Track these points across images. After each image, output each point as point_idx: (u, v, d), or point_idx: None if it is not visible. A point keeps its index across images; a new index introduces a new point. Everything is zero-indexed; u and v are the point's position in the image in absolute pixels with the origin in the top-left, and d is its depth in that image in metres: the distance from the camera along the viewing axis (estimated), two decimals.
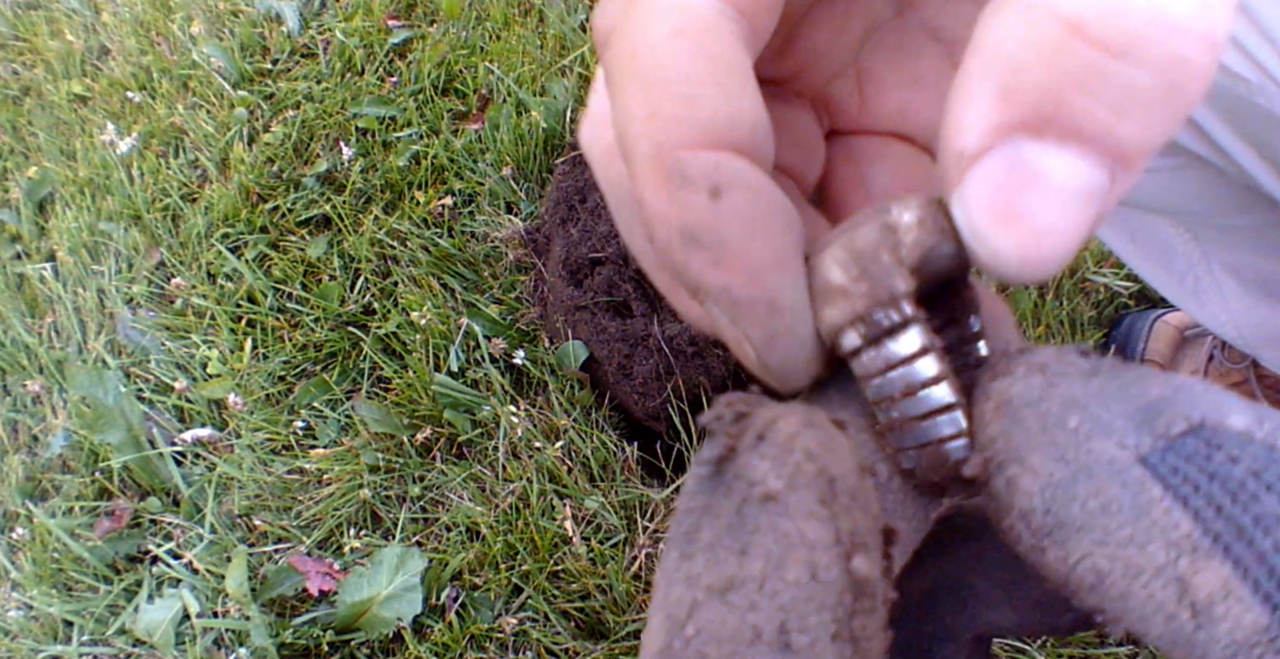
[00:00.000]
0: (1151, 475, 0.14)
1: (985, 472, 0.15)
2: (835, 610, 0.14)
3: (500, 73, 1.38)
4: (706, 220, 0.16)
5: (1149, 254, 0.72)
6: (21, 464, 1.18)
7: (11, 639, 1.04)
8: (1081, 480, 0.14)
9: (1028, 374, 0.15)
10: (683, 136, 0.16)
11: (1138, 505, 0.14)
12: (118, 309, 1.29)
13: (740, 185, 0.16)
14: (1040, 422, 0.15)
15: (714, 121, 0.16)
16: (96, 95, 1.56)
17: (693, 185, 0.16)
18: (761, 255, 0.17)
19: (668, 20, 0.17)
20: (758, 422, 0.16)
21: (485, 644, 0.95)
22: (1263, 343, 0.73)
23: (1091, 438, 0.14)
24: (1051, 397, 0.15)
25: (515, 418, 1.05)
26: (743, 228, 0.17)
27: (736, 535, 0.15)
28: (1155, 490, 0.13)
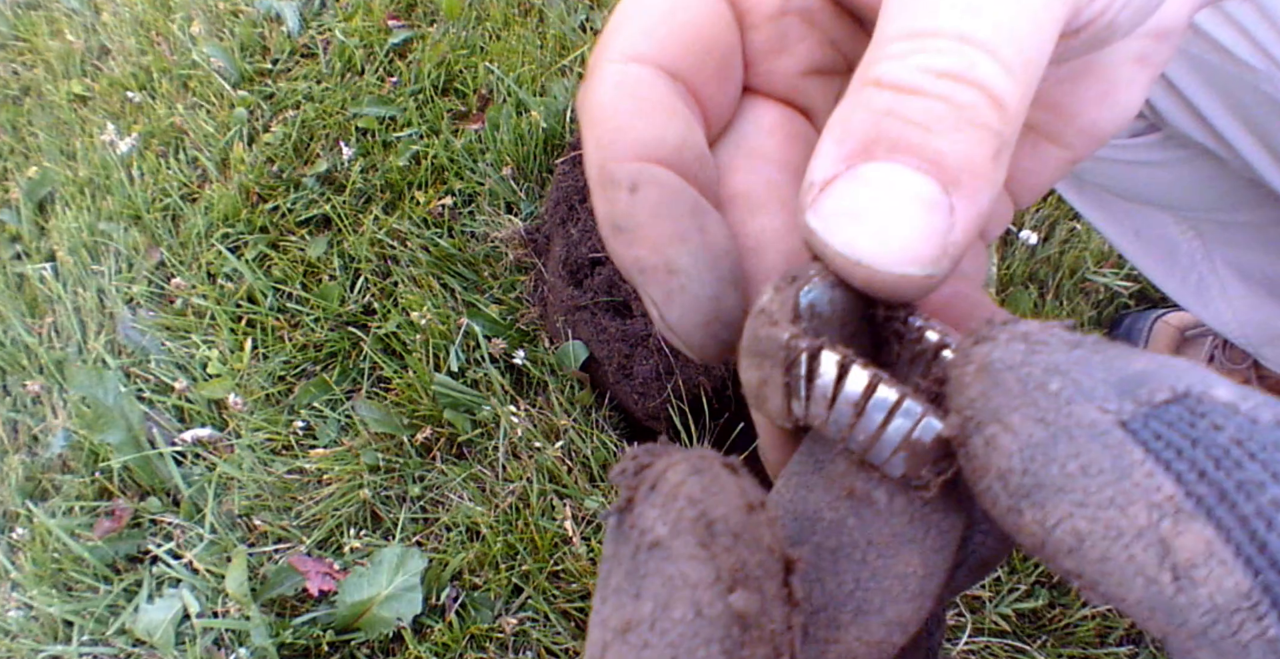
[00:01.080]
0: (1132, 439, 0.14)
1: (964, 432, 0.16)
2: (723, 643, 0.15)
3: (500, 73, 1.38)
4: (624, 209, 0.20)
5: (1152, 251, 0.72)
6: (21, 464, 1.18)
7: (11, 639, 1.04)
8: (1062, 441, 0.14)
9: (1010, 341, 0.16)
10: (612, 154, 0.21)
11: (1119, 467, 0.13)
12: (118, 309, 1.28)
13: (652, 182, 0.20)
14: (1021, 384, 0.15)
15: (638, 142, 0.20)
16: (96, 95, 1.56)
17: (616, 185, 0.20)
18: (663, 231, 0.20)
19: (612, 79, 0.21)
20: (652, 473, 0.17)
21: (485, 644, 0.95)
22: (1265, 341, 0.73)
23: (1073, 402, 0.14)
24: (1033, 362, 0.15)
25: (515, 418, 1.05)
26: (651, 211, 0.20)
27: (632, 580, 0.16)
28: (1137, 453, 0.13)
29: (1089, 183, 0.69)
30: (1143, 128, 0.58)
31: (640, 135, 0.21)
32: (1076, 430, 0.14)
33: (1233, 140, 0.50)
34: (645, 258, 0.20)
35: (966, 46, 0.17)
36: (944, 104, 0.17)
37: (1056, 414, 0.14)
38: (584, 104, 0.22)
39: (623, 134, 0.21)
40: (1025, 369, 0.15)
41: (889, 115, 0.17)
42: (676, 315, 0.21)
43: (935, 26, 0.17)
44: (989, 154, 0.17)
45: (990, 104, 0.17)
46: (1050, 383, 0.14)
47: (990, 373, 0.15)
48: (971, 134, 0.17)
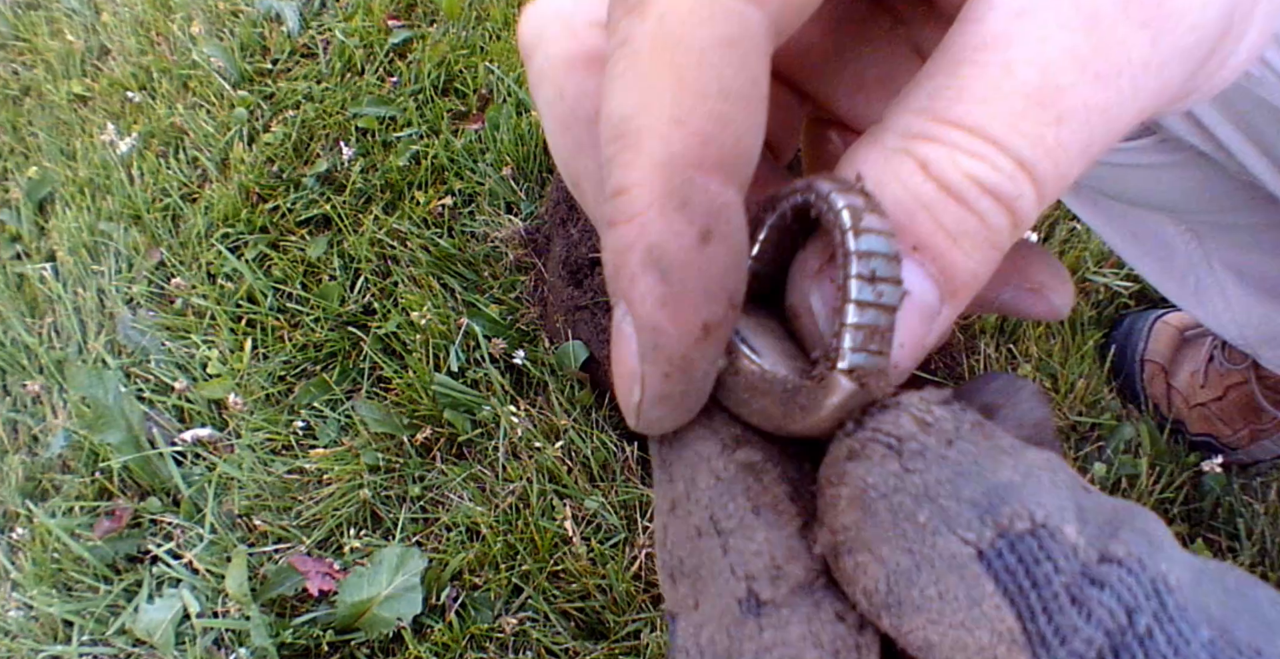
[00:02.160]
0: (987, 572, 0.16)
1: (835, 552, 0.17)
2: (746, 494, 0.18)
3: (500, 73, 1.38)
4: (682, 259, 0.16)
5: (1150, 253, 0.72)
6: (21, 464, 1.18)
7: (11, 639, 1.04)
8: (925, 570, 0.16)
9: (884, 460, 0.17)
10: (703, 158, 0.16)
11: (971, 597, 0.16)
12: (118, 309, 1.28)
13: (727, 239, 0.17)
14: (892, 515, 0.16)
15: (735, 152, 0.16)
16: (96, 95, 1.56)
17: (688, 216, 0.16)
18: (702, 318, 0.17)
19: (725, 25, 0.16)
20: None
21: (485, 644, 0.95)
22: (1263, 342, 0.73)
23: (938, 532, 0.16)
24: (905, 487, 0.16)
25: (515, 418, 1.05)
26: (707, 285, 0.17)
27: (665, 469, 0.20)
28: (989, 586, 0.15)
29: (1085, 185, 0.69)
30: (1138, 130, 0.58)
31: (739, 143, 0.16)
32: (939, 562, 0.16)
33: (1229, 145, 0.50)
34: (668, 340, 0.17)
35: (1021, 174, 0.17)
36: (978, 222, 0.17)
37: (922, 545, 0.16)
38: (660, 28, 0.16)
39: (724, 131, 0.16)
40: (897, 497, 0.16)
41: (925, 210, 0.17)
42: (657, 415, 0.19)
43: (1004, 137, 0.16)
44: (990, 270, 0.17)
45: (1012, 230, 0.17)
46: (920, 513, 0.16)
47: (863, 503, 0.16)
48: (987, 255, 0.17)
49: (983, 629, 0.15)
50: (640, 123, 0.16)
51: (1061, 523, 0.16)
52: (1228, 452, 0.98)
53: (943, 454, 0.16)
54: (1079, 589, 0.15)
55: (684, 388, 0.18)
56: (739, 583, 0.17)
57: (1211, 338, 0.99)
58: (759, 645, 0.17)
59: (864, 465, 0.17)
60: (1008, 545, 0.15)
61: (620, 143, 0.16)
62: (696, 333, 0.17)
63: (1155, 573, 0.15)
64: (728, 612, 0.17)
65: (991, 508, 0.16)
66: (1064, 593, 0.15)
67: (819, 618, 0.17)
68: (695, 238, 0.16)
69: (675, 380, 0.18)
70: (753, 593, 0.17)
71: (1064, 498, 0.16)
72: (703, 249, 0.16)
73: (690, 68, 0.16)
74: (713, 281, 0.17)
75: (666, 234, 0.16)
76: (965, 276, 0.17)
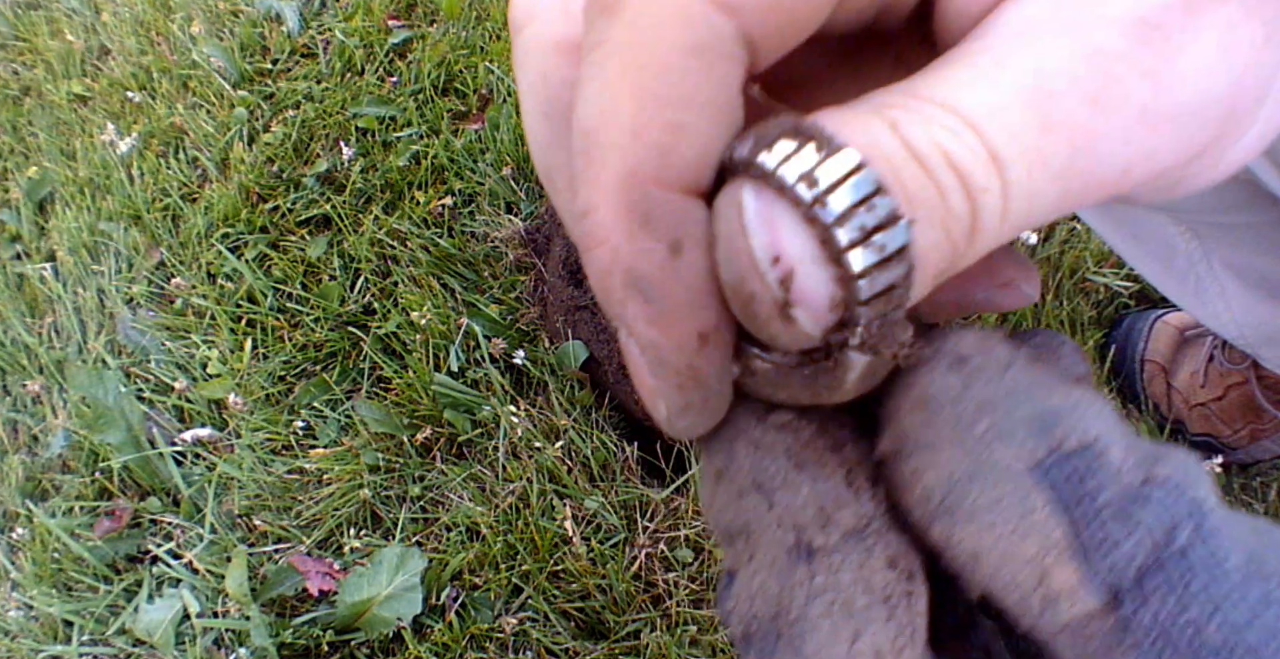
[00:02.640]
0: (1038, 485, 0.16)
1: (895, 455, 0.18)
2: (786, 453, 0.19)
3: (500, 73, 1.38)
4: (657, 276, 0.16)
5: (1150, 253, 0.72)
6: (21, 464, 1.18)
7: (11, 639, 1.04)
8: (979, 479, 0.17)
9: (948, 370, 0.17)
10: (661, 171, 0.15)
11: (1024, 507, 0.16)
12: (118, 309, 1.28)
13: (700, 245, 0.16)
14: (953, 422, 0.17)
15: (697, 161, 0.16)
16: (96, 95, 1.56)
17: (654, 232, 0.16)
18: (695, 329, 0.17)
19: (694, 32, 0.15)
20: None
21: (485, 644, 0.95)
22: (1263, 342, 0.73)
23: (994, 445, 0.17)
24: (966, 397, 0.17)
25: (515, 418, 1.05)
26: (689, 296, 0.16)
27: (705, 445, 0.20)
28: (1039, 498, 0.16)
29: None
30: None
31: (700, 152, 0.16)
32: (994, 471, 0.16)
33: None
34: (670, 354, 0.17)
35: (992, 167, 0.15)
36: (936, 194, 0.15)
37: (979, 453, 0.17)
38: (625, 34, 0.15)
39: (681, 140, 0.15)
40: (959, 406, 0.17)
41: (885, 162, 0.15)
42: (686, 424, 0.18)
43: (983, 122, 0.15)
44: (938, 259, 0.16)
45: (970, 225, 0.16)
46: (979, 423, 0.17)
47: (927, 407, 0.17)
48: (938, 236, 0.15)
49: (1032, 539, 0.16)
50: (603, 136, 0.16)
51: (1110, 444, 0.16)
52: (1228, 452, 0.98)
53: (1001, 375, 0.17)
54: (1124, 505, 0.16)
55: (701, 394, 0.18)
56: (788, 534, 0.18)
57: (1211, 338, 0.99)
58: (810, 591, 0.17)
59: (929, 374, 0.18)
60: (1060, 461, 0.16)
61: (586, 157, 0.16)
62: (694, 343, 0.17)
63: (1195, 494, 0.16)
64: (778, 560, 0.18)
65: (1045, 426, 0.17)
66: (1110, 508, 0.16)
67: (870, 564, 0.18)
68: (666, 253, 0.16)
69: (689, 390, 0.18)
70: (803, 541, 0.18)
71: (1111, 424, 0.17)
72: (676, 262, 0.16)
73: (652, 75, 0.15)
74: (695, 291, 0.16)
75: (637, 254, 0.16)
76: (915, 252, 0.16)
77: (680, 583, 0.95)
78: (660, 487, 1.02)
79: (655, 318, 0.16)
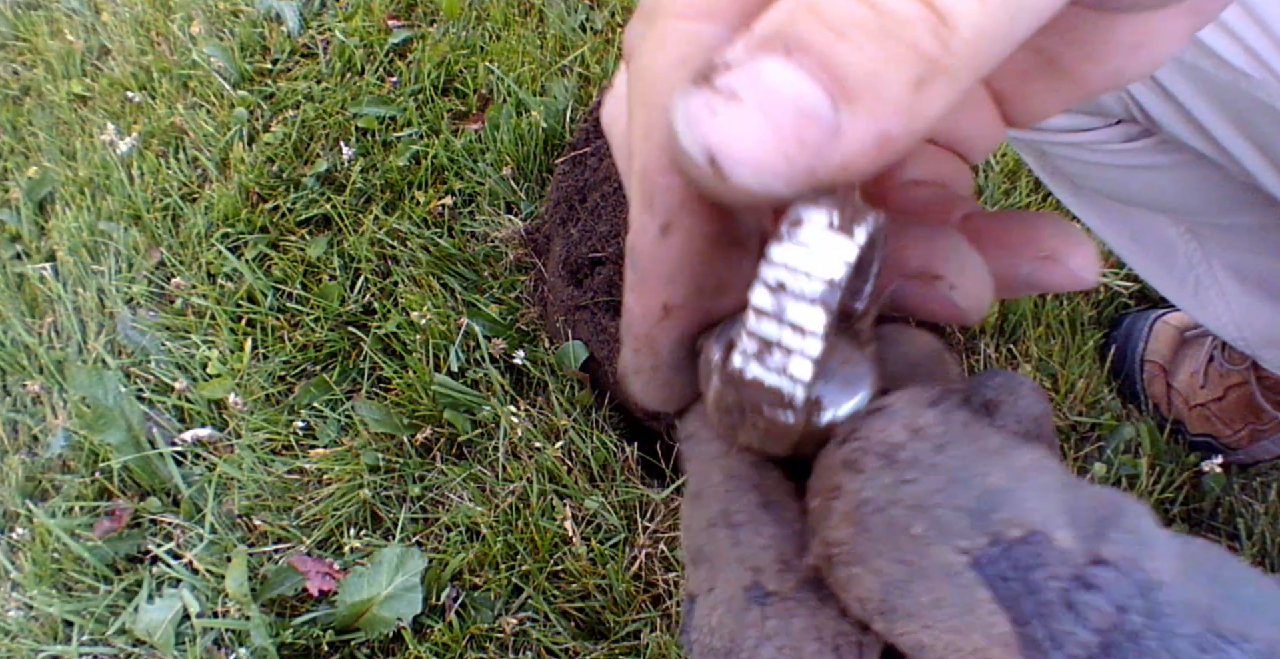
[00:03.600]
0: (981, 579, 0.16)
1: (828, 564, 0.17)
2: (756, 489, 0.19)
3: (500, 73, 1.38)
4: (645, 249, 0.19)
5: (1150, 254, 0.72)
6: (21, 464, 1.18)
7: (11, 639, 1.04)
8: (919, 580, 0.16)
9: (876, 472, 0.17)
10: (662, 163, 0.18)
11: (966, 604, 0.16)
12: (118, 309, 1.28)
13: (684, 230, 0.18)
14: (887, 528, 0.16)
15: None
16: (96, 95, 1.56)
17: (652, 213, 0.18)
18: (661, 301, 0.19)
19: (676, 47, 0.17)
20: None
21: (485, 644, 0.95)
22: (1263, 343, 0.73)
23: (932, 543, 0.16)
24: (900, 498, 0.16)
25: (515, 418, 1.05)
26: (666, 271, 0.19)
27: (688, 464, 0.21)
28: (983, 593, 0.16)
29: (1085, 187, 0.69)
30: (1137, 132, 0.58)
31: None
32: (934, 571, 0.16)
33: (1228, 146, 0.50)
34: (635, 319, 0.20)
35: None
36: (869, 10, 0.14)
37: (917, 556, 0.16)
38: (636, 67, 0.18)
39: None
40: (893, 510, 0.16)
41: (809, 10, 0.15)
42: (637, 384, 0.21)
43: None
44: (906, 79, 0.15)
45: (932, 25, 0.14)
46: (915, 525, 0.16)
47: (858, 517, 0.17)
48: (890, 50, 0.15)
49: (976, 633, 0.16)
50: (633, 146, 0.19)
51: (1054, 529, 0.16)
52: (1228, 452, 0.98)
53: (935, 461, 0.16)
54: (1072, 592, 0.15)
55: (651, 362, 0.20)
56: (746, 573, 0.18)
57: (1211, 338, 0.99)
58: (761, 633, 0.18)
59: (859, 478, 0.17)
60: (1001, 552, 0.16)
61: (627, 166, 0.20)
62: (657, 313, 0.19)
63: (1144, 571, 0.16)
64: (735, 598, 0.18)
65: (984, 515, 0.16)
66: (1057, 597, 0.15)
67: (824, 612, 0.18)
68: (657, 231, 0.18)
69: (643, 356, 0.20)
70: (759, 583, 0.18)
71: (1054, 501, 0.16)
72: (662, 241, 0.18)
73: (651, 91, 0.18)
74: (671, 267, 0.19)
75: (638, 231, 0.19)
76: (860, 74, 0.15)
77: (680, 583, 0.96)
78: (660, 487, 1.02)
79: (634, 284, 0.19)
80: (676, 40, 0.17)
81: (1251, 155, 0.49)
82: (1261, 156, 0.49)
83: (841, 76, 0.15)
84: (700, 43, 0.17)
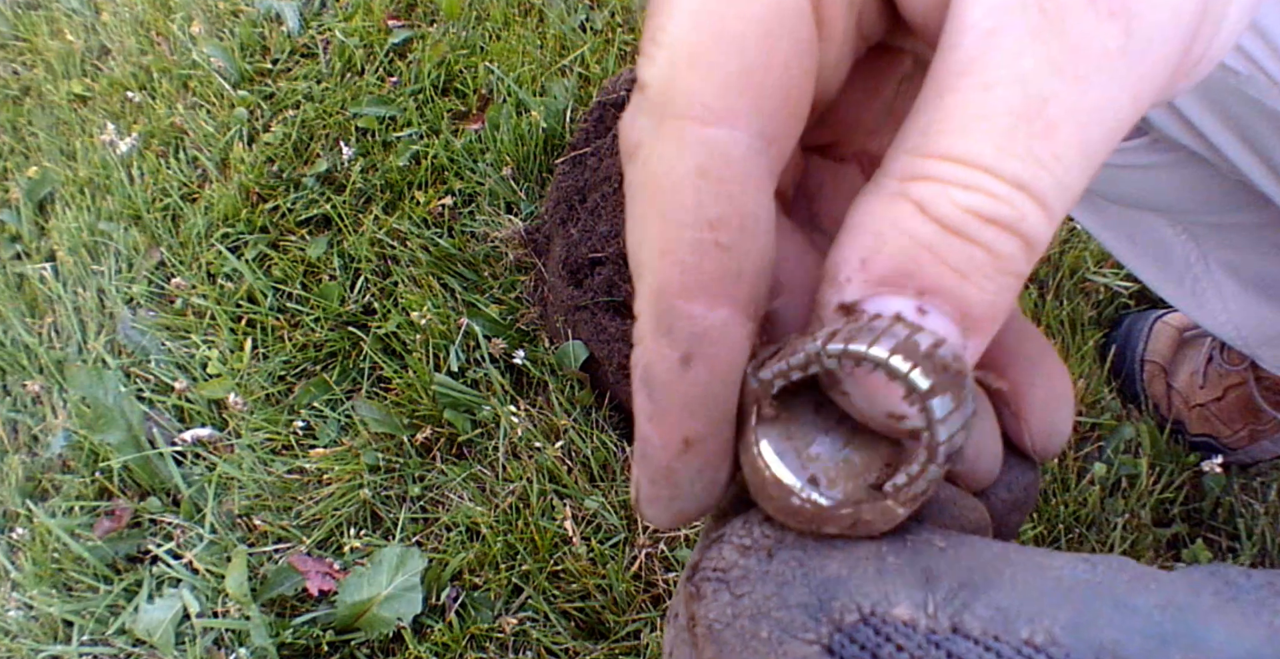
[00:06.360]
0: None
1: None
2: None
3: (500, 73, 1.38)
4: (664, 379, 0.18)
5: (1147, 255, 0.72)
6: (21, 464, 1.18)
7: (11, 639, 1.04)
8: None
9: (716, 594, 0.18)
10: (683, 286, 0.17)
11: None
12: (118, 309, 1.29)
13: (710, 362, 0.18)
14: (740, 639, 0.17)
15: (721, 277, 0.17)
16: (96, 95, 1.56)
17: (670, 340, 0.18)
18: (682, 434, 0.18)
19: (694, 155, 0.17)
20: None
21: (485, 644, 0.95)
22: (1262, 343, 0.73)
23: (783, 642, 0.17)
24: (741, 612, 0.17)
25: (515, 418, 1.05)
26: (684, 404, 0.18)
27: None
28: None
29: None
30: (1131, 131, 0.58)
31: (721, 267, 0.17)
32: None
33: (1219, 144, 0.50)
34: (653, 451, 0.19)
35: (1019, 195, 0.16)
36: (985, 252, 0.16)
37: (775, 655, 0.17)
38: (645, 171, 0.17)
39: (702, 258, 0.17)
40: (738, 622, 0.17)
41: (928, 252, 0.16)
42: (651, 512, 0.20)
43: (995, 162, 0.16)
44: (1011, 298, 0.17)
45: (1026, 252, 0.17)
46: (760, 630, 0.17)
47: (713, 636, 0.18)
48: (1002, 283, 0.17)
49: None
50: (638, 257, 0.18)
51: (889, 608, 0.16)
52: (1227, 452, 0.98)
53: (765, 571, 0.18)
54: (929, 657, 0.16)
55: (670, 494, 0.19)
56: None
57: (1211, 339, 0.99)
58: None
59: (703, 604, 0.18)
60: (846, 637, 0.16)
61: (634, 275, 0.18)
62: (677, 446, 0.19)
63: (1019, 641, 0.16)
64: None
65: (822, 606, 0.17)
66: None
67: None
68: (677, 361, 0.18)
69: (661, 487, 0.19)
70: None
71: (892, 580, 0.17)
72: (684, 371, 0.18)
73: (668, 203, 0.17)
74: (693, 400, 0.18)
75: (655, 357, 0.18)
76: (982, 308, 0.17)
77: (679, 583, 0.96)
78: None
79: (652, 415, 0.18)
80: (694, 147, 0.17)
81: (1242, 153, 0.49)
82: (1252, 154, 0.49)
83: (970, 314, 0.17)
84: (719, 150, 0.17)
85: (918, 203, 0.17)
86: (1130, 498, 0.96)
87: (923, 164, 0.17)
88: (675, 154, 0.17)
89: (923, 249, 0.16)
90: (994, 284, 0.17)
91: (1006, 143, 0.16)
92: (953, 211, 0.16)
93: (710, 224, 0.17)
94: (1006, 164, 0.16)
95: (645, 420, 0.19)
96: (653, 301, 0.18)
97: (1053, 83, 0.16)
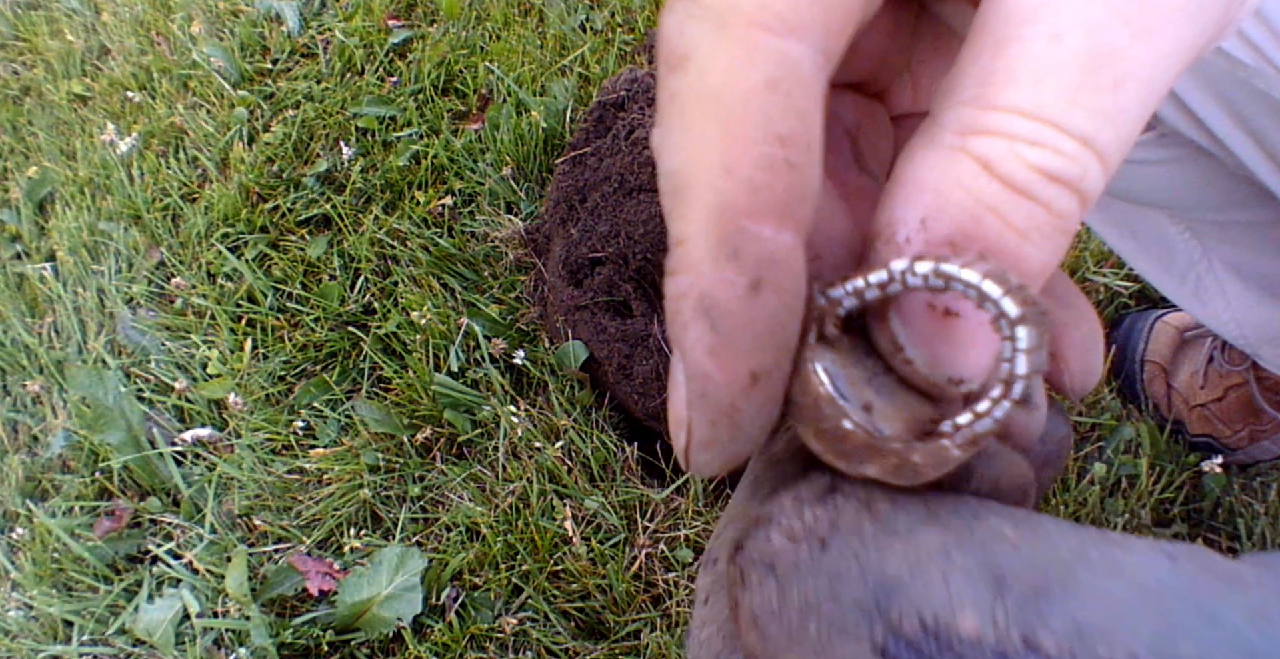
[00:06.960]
0: None
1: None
2: None
3: (500, 73, 1.38)
4: (730, 308, 0.16)
5: (1150, 252, 0.72)
6: (21, 464, 1.18)
7: (11, 639, 1.04)
8: None
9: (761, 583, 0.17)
10: (753, 205, 0.16)
11: None
12: (118, 309, 1.28)
13: (779, 289, 0.16)
14: (785, 631, 0.17)
15: (789, 195, 0.16)
16: (96, 95, 1.56)
17: (738, 266, 0.16)
18: (750, 367, 0.17)
19: (765, 68, 0.16)
20: None
21: (485, 644, 0.95)
22: (1263, 342, 0.73)
23: (832, 639, 0.16)
24: (788, 602, 0.16)
25: (515, 418, 1.05)
26: (756, 334, 0.17)
27: None
28: None
29: None
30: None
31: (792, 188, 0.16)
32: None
33: (1225, 138, 0.50)
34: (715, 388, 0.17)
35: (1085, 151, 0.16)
36: (1046, 212, 0.16)
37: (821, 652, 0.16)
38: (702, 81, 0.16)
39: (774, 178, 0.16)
40: (785, 613, 0.16)
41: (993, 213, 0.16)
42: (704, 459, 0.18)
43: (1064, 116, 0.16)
44: (1062, 255, 0.17)
45: (1081, 210, 0.16)
46: (809, 626, 0.16)
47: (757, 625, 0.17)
48: (1058, 242, 0.17)
49: None
50: (692, 175, 0.16)
51: (954, 617, 0.15)
52: (1228, 452, 0.98)
53: (818, 562, 0.17)
54: None
55: (730, 434, 0.18)
56: None
57: (1211, 339, 0.99)
58: None
59: (746, 592, 0.17)
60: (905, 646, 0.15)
61: (677, 196, 0.16)
62: (744, 381, 0.17)
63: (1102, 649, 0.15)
64: None
65: (878, 608, 0.16)
66: None
67: None
68: (745, 287, 0.16)
69: (721, 428, 0.18)
70: None
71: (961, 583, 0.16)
72: (753, 299, 0.16)
73: (734, 116, 0.16)
74: (762, 331, 0.17)
75: (717, 284, 0.16)
76: (1039, 267, 0.17)
77: (680, 583, 0.96)
78: (660, 487, 1.02)
79: (716, 348, 0.17)
80: (765, 58, 0.16)
81: (1248, 147, 0.49)
82: (1258, 148, 0.49)
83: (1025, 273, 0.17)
84: (789, 66, 0.16)
85: (982, 160, 0.16)
86: (1130, 498, 0.96)
87: (984, 117, 0.16)
88: (745, 63, 0.16)
89: (987, 210, 0.16)
90: (1051, 243, 0.17)
91: (1076, 96, 0.16)
92: (1020, 170, 0.16)
93: (781, 140, 0.16)
94: (1075, 119, 0.16)
95: (705, 355, 0.17)
96: (716, 222, 0.16)
97: (1122, 34, 0.16)
